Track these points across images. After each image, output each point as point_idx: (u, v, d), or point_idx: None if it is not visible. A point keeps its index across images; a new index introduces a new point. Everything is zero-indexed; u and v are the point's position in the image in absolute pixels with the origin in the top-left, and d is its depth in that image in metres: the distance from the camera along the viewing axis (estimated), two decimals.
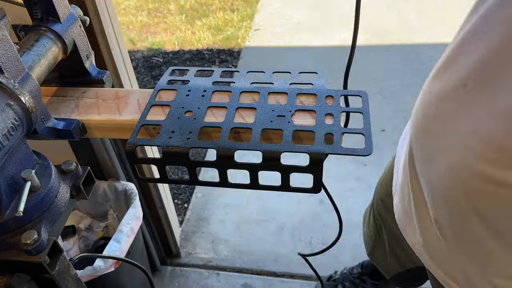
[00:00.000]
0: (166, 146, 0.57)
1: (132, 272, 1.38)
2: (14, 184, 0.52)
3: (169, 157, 0.57)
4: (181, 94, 0.67)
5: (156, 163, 0.59)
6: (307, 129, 0.59)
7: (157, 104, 0.66)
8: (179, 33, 3.44)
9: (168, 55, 3.16)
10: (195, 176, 0.60)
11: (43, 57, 0.61)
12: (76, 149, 1.31)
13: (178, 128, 0.60)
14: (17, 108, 0.52)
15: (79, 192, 0.60)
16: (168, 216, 1.62)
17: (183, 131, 0.59)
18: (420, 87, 0.71)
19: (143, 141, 0.59)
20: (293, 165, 0.56)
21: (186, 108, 0.64)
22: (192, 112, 0.63)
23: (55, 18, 0.64)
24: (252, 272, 1.72)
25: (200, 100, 0.66)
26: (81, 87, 0.71)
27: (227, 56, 3.12)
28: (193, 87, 0.69)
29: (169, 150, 0.57)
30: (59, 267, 0.53)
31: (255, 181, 0.59)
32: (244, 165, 0.57)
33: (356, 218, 1.85)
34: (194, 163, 0.58)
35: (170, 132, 0.59)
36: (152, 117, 0.63)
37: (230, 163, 0.56)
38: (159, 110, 0.65)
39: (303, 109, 0.63)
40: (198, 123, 0.61)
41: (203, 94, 0.67)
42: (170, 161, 0.58)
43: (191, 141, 0.58)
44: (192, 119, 0.62)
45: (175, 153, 0.57)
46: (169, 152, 0.57)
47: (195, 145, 0.57)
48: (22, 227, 0.52)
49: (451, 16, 3.23)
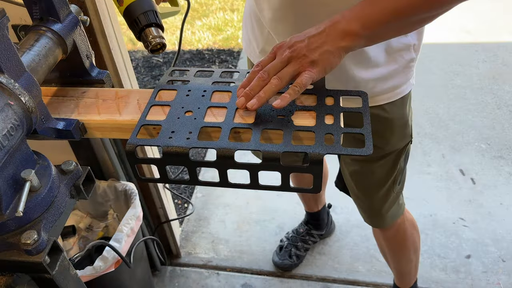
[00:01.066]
0: (166, 146, 0.57)
1: (132, 272, 1.38)
2: (14, 184, 0.52)
3: (169, 157, 0.57)
4: (181, 94, 0.67)
5: (156, 163, 0.59)
6: (307, 129, 0.59)
7: (157, 104, 0.66)
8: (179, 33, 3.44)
9: (168, 55, 3.16)
10: (195, 176, 0.60)
11: (43, 57, 0.61)
12: (76, 149, 1.31)
13: (178, 128, 0.60)
14: (17, 108, 0.52)
15: (79, 192, 0.60)
16: (168, 216, 1.62)
17: (183, 131, 0.59)
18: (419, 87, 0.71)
19: (143, 141, 0.59)
20: (293, 165, 0.56)
21: (186, 108, 0.64)
22: (192, 112, 0.63)
23: (55, 18, 0.64)
24: (252, 272, 1.72)
25: (200, 100, 0.65)
26: (81, 87, 0.71)
27: (227, 56, 3.12)
28: (193, 87, 0.69)
29: (169, 150, 0.57)
30: (59, 267, 0.52)
31: (255, 181, 0.59)
32: (244, 165, 0.57)
33: (356, 218, 1.85)
34: (194, 163, 0.58)
35: (170, 132, 0.59)
36: (152, 117, 0.63)
37: (230, 163, 0.56)
38: (159, 110, 0.65)
39: (303, 109, 0.63)
40: (198, 123, 0.61)
41: (203, 94, 0.67)
42: (170, 161, 0.58)
43: (191, 141, 0.58)
44: (192, 119, 0.62)
45: (175, 153, 0.57)
46: (169, 152, 0.57)
47: (195, 145, 0.57)
48: (22, 227, 0.52)
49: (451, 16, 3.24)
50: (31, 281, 0.54)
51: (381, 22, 0.64)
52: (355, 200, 1.17)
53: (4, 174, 0.50)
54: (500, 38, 2.99)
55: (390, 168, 1.03)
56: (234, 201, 2.01)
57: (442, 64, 2.75)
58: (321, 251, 1.77)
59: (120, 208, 1.42)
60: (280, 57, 0.63)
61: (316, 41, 0.63)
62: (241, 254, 1.79)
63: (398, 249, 1.33)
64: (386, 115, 0.93)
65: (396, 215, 1.18)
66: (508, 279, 1.62)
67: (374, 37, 0.67)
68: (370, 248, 1.74)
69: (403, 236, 1.27)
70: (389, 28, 0.66)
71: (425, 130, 2.29)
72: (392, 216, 1.17)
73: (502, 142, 2.19)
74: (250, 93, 0.62)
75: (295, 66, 0.62)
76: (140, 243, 1.47)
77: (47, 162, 0.58)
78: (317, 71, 0.62)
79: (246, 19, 1.02)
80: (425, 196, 1.95)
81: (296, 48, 0.63)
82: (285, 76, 0.62)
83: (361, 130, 0.59)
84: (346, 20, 0.64)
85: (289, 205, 1.95)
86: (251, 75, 0.65)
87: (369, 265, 1.70)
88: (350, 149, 0.56)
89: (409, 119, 0.99)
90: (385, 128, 0.95)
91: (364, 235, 1.79)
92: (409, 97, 0.97)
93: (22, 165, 0.54)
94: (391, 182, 1.06)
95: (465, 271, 1.66)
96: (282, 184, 0.59)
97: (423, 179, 2.03)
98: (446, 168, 2.08)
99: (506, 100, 2.45)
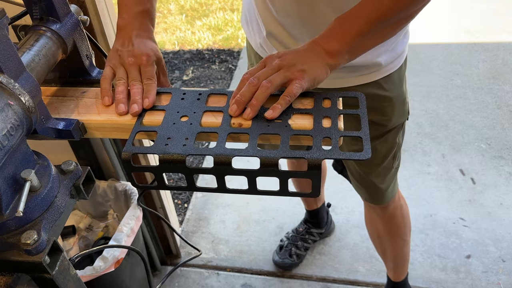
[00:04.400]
0: (163, 153, 0.56)
1: (132, 272, 1.38)
2: (14, 184, 0.52)
3: (165, 164, 0.56)
4: (176, 98, 0.66)
5: (153, 171, 0.58)
6: (305, 133, 0.58)
7: (152, 108, 0.65)
8: (179, 33, 3.44)
9: (168, 55, 3.16)
10: (192, 182, 0.59)
11: (43, 57, 0.61)
12: (76, 149, 1.31)
13: (174, 135, 0.59)
14: (17, 108, 0.52)
15: (79, 192, 0.60)
16: (168, 216, 1.62)
17: (180, 138, 0.58)
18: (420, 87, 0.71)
19: (139, 149, 0.58)
20: (291, 170, 0.55)
21: (181, 112, 0.63)
22: (188, 117, 0.62)
23: (55, 18, 0.63)
24: (252, 272, 1.72)
25: (195, 104, 0.64)
26: (81, 87, 0.71)
27: (227, 56, 3.12)
28: (188, 89, 0.67)
29: (166, 157, 0.56)
30: (59, 267, 0.52)
31: (253, 186, 0.58)
32: (241, 171, 0.56)
33: (356, 218, 1.86)
34: (191, 170, 0.57)
35: (166, 138, 0.58)
36: (148, 123, 0.62)
37: (228, 169, 0.56)
38: (155, 115, 0.64)
39: (301, 112, 0.62)
40: (194, 128, 0.60)
41: (198, 98, 0.65)
42: (166, 169, 0.57)
43: (188, 148, 0.57)
44: (188, 124, 0.61)
45: (172, 161, 0.56)
46: (165, 160, 0.56)
47: (191, 152, 0.56)
48: (22, 227, 0.52)
49: (451, 16, 3.24)
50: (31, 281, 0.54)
51: (360, 34, 0.65)
52: (355, 178, 1.18)
53: (4, 174, 0.50)
54: (500, 38, 2.99)
55: (391, 143, 1.07)
56: (234, 201, 2.01)
57: (442, 64, 2.75)
58: (321, 251, 1.77)
59: (120, 208, 1.42)
60: (270, 65, 0.64)
61: (304, 56, 0.65)
62: (241, 254, 1.79)
63: (395, 230, 1.34)
64: (386, 94, 0.96)
65: (394, 191, 1.21)
66: (508, 279, 1.62)
67: (356, 50, 0.68)
68: (370, 248, 1.74)
69: (400, 213, 1.30)
70: (370, 37, 0.67)
71: (425, 130, 2.28)
72: (391, 192, 1.20)
73: (502, 142, 2.19)
74: (241, 99, 0.61)
75: (286, 73, 0.63)
76: (140, 243, 1.47)
77: (47, 162, 0.58)
78: (307, 81, 0.63)
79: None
80: (425, 196, 1.95)
81: (286, 57, 0.64)
82: (276, 80, 0.62)
83: (359, 133, 0.58)
84: (325, 40, 0.66)
85: (289, 205, 1.95)
86: (241, 84, 0.64)
87: (369, 265, 1.70)
88: (348, 153, 0.55)
89: (406, 96, 1.03)
90: (386, 106, 0.98)
91: (364, 235, 1.78)
92: (404, 73, 1.01)
93: (22, 165, 0.54)
94: (391, 158, 1.10)
95: (465, 271, 1.66)
96: (281, 189, 0.58)
97: (423, 179, 2.03)
98: (446, 168, 2.08)
99: (506, 100, 2.45)
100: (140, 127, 0.61)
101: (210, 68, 3.01)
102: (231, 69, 2.98)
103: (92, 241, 1.42)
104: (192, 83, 2.87)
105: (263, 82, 0.62)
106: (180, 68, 3.03)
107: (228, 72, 2.96)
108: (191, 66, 3.04)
